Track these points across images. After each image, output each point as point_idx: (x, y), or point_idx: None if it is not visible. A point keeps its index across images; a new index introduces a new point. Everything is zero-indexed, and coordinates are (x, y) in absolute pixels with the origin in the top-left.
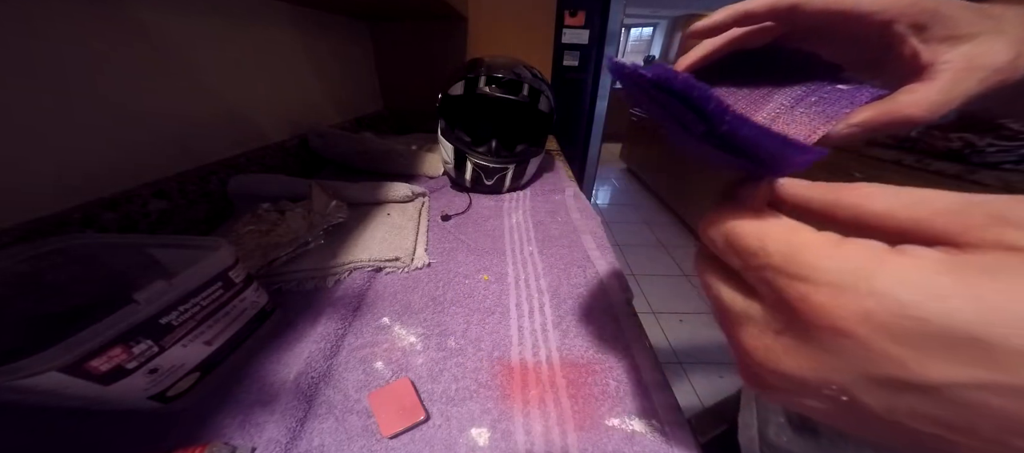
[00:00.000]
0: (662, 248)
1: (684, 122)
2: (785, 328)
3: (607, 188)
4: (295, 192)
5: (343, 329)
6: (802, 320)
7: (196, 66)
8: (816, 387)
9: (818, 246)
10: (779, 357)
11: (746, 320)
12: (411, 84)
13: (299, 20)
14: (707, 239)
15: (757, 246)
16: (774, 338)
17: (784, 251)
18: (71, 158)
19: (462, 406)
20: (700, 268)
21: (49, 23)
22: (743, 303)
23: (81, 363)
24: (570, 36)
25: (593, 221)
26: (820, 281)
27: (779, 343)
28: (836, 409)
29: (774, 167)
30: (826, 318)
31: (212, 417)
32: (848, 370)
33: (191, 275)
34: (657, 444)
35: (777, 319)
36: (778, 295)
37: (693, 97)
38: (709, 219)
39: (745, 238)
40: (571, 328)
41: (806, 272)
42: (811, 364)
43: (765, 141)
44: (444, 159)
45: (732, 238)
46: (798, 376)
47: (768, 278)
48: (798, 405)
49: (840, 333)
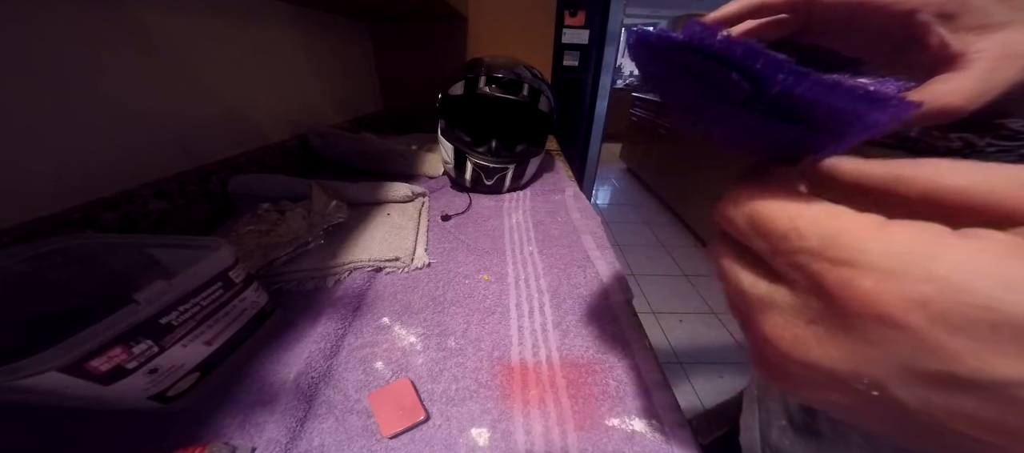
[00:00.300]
0: (662, 248)
1: (721, 89)
2: (818, 317)
3: (607, 188)
4: (295, 192)
5: (343, 329)
6: (842, 308)
7: (196, 66)
8: (846, 380)
9: (863, 228)
10: (808, 347)
11: (769, 307)
12: (411, 84)
13: (299, 20)
14: (726, 221)
15: (789, 228)
16: (804, 327)
17: (822, 233)
18: (71, 158)
19: (462, 406)
20: (715, 251)
21: (49, 23)
22: (767, 289)
23: (81, 363)
24: (570, 36)
25: (593, 221)
26: (867, 265)
27: (809, 332)
28: (861, 404)
29: (838, 131)
30: (872, 305)
31: (212, 417)
32: (887, 363)
33: (191, 275)
34: (657, 444)
35: (810, 307)
36: (814, 281)
37: (736, 55)
38: (730, 199)
39: (775, 220)
40: (571, 328)
41: (849, 255)
42: (845, 356)
43: (831, 98)
44: (444, 159)
45: (759, 220)
46: (827, 368)
47: (802, 263)
48: (817, 398)
49: (887, 322)
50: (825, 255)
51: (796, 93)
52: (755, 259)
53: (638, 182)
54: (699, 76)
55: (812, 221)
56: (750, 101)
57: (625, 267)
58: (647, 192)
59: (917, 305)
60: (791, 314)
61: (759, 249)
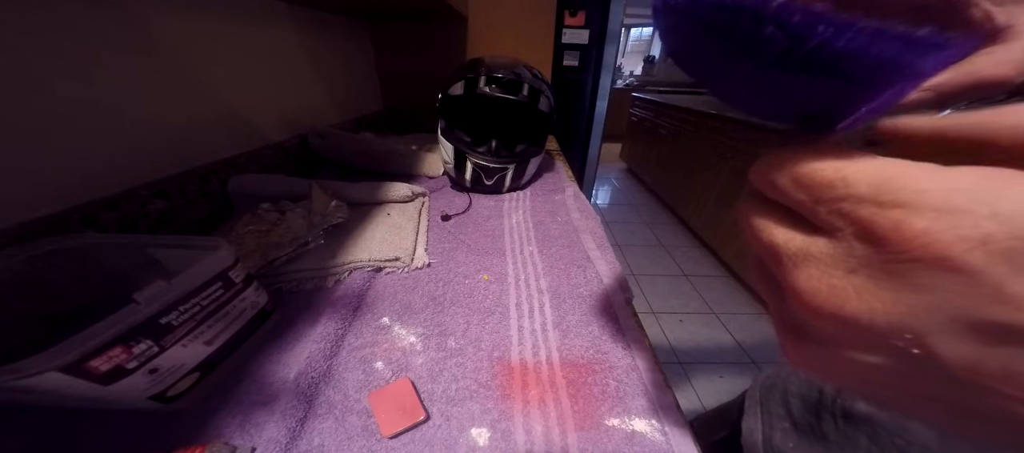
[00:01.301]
0: (662, 248)
1: (754, 48)
2: (862, 265)
3: (607, 188)
4: (295, 192)
5: (343, 329)
6: (892, 251)
7: (196, 66)
8: (886, 334)
9: (919, 170)
10: (847, 298)
11: (805, 259)
12: (411, 84)
13: (299, 20)
14: (762, 178)
15: (835, 177)
16: (844, 277)
17: (873, 179)
18: (71, 158)
19: (462, 406)
20: (745, 210)
21: (49, 21)
22: (802, 241)
23: (81, 363)
24: (570, 36)
25: (593, 221)
26: (922, 204)
27: (849, 283)
28: (897, 366)
29: (883, 83)
30: (928, 247)
31: (212, 417)
32: (938, 311)
33: (191, 275)
34: (657, 444)
35: (852, 255)
36: (862, 226)
37: (771, 8)
38: (767, 161)
39: (820, 169)
40: (571, 328)
41: (903, 196)
42: (888, 306)
43: (878, 47)
44: (444, 159)
45: (802, 173)
46: (866, 321)
47: (848, 209)
48: (843, 368)
49: (943, 263)
50: (876, 198)
51: (837, 45)
52: (790, 214)
53: (638, 182)
54: (728, 37)
55: (862, 170)
56: (785, 57)
57: (625, 267)
58: (647, 192)
59: (978, 243)
60: (829, 264)
61: (798, 202)
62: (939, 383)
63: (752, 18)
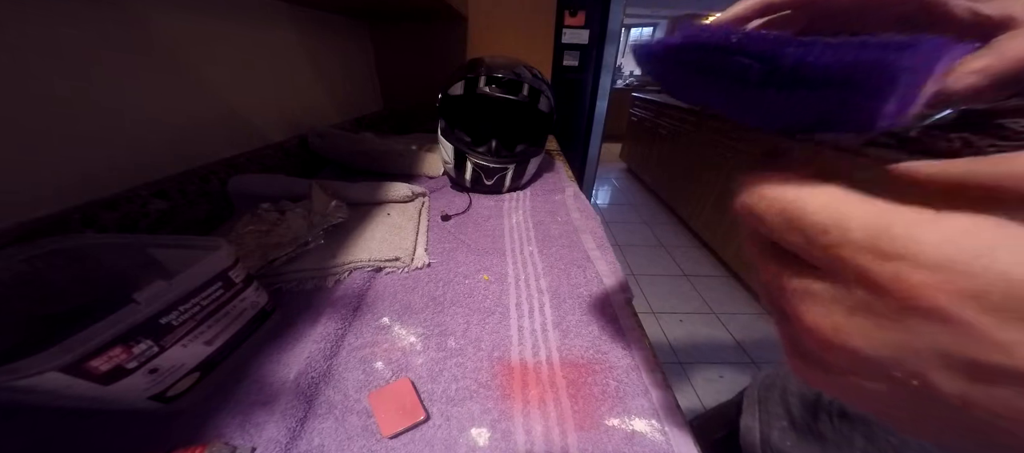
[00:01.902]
0: (662, 248)
1: (736, 75)
2: (861, 307)
3: (607, 188)
4: (295, 192)
5: (343, 329)
6: (893, 300)
7: (196, 66)
8: (886, 368)
9: (913, 219)
10: (850, 335)
11: (808, 296)
12: (411, 84)
13: (299, 20)
14: (751, 216)
15: (829, 222)
16: (846, 316)
17: (869, 227)
18: (71, 158)
19: (462, 406)
20: (747, 244)
21: (48, 21)
22: (800, 282)
23: (81, 363)
24: (570, 36)
25: (593, 221)
26: (919, 256)
27: (852, 322)
28: (897, 393)
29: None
30: (926, 299)
31: (212, 417)
32: (935, 352)
33: (191, 275)
34: (657, 444)
35: (853, 297)
36: (861, 274)
37: (733, 44)
38: (751, 191)
39: (812, 213)
40: (571, 328)
41: (900, 247)
42: (887, 344)
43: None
44: (444, 159)
45: (793, 214)
46: (866, 356)
47: (846, 257)
48: (850, 388)
49: (939, 314)
50: (874, 248)
51: (811, 61)
52: (787, 252)
53: (638, 182)
54: (711, 70)
55: (857, 216)
56: (771, 77)
57: (625, 267)
58: (647, 192)
59: (972, 297)
60: (831, 302)
61: (793, 242)
62: (941, 408)
63: (721, 53)
